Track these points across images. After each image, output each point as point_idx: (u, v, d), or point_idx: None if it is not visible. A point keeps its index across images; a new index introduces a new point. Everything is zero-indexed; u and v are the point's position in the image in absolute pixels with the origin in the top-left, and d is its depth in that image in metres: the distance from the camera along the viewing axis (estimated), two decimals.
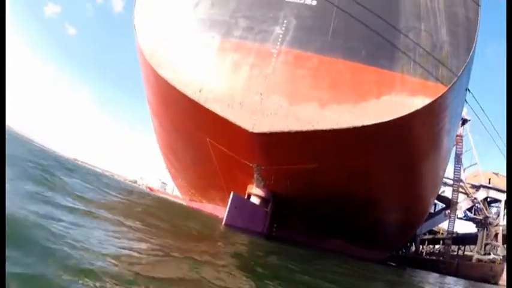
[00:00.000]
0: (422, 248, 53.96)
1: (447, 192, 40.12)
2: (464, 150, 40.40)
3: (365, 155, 13.19)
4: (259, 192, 13.42)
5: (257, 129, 11.51)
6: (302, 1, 13.74)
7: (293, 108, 11.76)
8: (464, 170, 41.99)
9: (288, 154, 12.57)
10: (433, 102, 12.23)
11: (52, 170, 9.43)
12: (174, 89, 12.68)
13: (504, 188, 39.51)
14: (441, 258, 42.10)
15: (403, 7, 13.97)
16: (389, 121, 11.66)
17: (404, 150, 13.99)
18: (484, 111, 34.27)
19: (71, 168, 13.52)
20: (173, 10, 14.82)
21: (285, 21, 13.33)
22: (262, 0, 14.06)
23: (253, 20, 13.57)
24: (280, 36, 13.01)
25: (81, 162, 58.63)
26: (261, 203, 13.46)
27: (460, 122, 37.19)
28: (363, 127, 11.54)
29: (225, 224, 11.14)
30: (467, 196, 40.75)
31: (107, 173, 50.11)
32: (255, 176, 13.18)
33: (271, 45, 12.86)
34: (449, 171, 36.86)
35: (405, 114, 11.81)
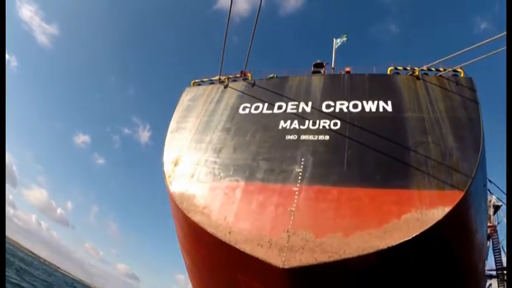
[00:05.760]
0: None
1: (494, 284, 37.62)
2: (503, 236, 38.75)
3: (397, 274, 13.23)
4: None
5: (287, 264, 11.79)
6: (316, 138, 15.13)
7: (319, 240, 12.19)
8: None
9: (321, 285, 12.76)
10: (452, 209, 12.50)
11: None
12: (205, 231, 13.45)
13: None
14: None
15: (408, 126, 15.13)
16: (413, 238, 11.85)
17: (436, 261, 13.96)
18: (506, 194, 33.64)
19: None
20: (199, 157, 16.34)
21: (303, 159, 14.55)
22: (281, 142, 15.50)
23: (273, 161, 14.84)
24: (300, 174, 14.09)
25: None
26: None
27: (492, 211, 36.71)
28: (389, 248, 11.74)
29: None
30: None
31: None
32: None
33: (292, 184, 13.86)
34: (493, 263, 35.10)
35: (427, 228, 12.05)
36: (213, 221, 13.60)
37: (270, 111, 17.32)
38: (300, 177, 14.04)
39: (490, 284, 38.37)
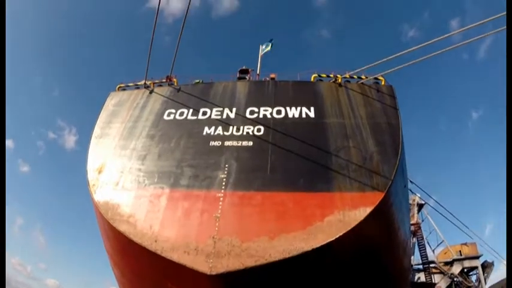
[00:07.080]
0: None
1: (423, 278, 40.17)
2: (428, 233, 41.75)
3: (323, 274, 13.60)
4: None
5: (214, 271, 11.79)
6: (240, 144, 15.30)
7: (245, 245, 12.29)
8: (433, 250, 42.76)
9: None
10: (374, 209, 13.19)
11: None
12: (131, 241, 13.09)
13: (476, 254, 40.55)
14: None
15: (330, 131, 15.75)
16: (337, 238, 12.31)
17: (362, 258, 14.51)
18: (428, 194, 36.33)
19: None
20: (123, 164, 15.86)
21: (227, 165, 14.66)
22: (205, 148, 15.52)
23: (197, 167, 14.81)
24: (224, 180, 14.17)
25: None
26: None
27: (416, 209, 39.29)
28: (313, 250, 12.07)
29: None
30: (444, 275, 40.84)
31: None
32: None
33: (216, 190, 13.92)
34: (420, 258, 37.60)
35: (350, 228, 12.59)
36: (138, 230, 13.27)
37: (195, 117, 17.27)
38: (224, 183, 14.12)
39: (419, 278, 40.96)
